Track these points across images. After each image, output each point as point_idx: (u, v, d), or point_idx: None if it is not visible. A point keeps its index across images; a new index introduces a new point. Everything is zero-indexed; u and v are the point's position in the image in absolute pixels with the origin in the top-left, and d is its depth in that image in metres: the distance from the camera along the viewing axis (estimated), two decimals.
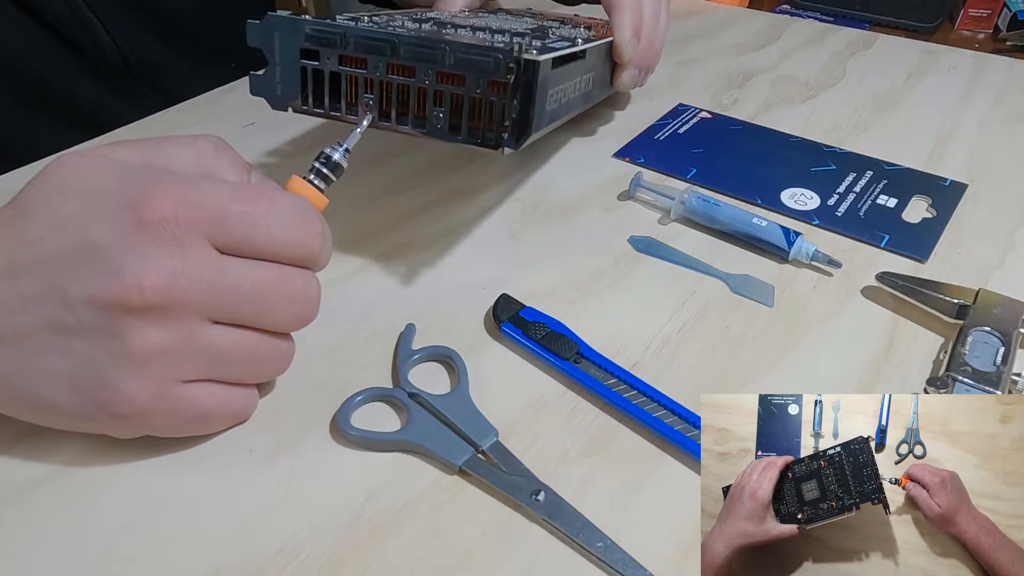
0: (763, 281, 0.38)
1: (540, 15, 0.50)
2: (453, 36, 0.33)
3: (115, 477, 0.28)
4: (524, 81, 0.30)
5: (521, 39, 0.34)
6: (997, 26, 1.58)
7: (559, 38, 0.38)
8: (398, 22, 0.36)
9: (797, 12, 1.62)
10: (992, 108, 0.55)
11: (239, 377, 0.28)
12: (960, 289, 0.35)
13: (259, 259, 0.26)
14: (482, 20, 0.43)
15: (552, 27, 0.44)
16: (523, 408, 0.31)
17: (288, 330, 0.29)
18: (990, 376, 0.31)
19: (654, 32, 0.46)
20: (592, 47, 0.39)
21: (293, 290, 0.27)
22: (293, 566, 0.25)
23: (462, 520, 0.27)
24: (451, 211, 0.43)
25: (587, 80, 0.40)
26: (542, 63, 0.30)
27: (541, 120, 0.32)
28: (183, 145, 0.28)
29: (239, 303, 0.26)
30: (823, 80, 0.59)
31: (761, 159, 0.48)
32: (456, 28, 0.37)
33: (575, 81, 0.37)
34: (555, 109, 0.35)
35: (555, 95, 0.34)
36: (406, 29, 0.33)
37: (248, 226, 0.26)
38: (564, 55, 0.34)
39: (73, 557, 0.25)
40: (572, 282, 0.38)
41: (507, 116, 0.30)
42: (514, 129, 0.31)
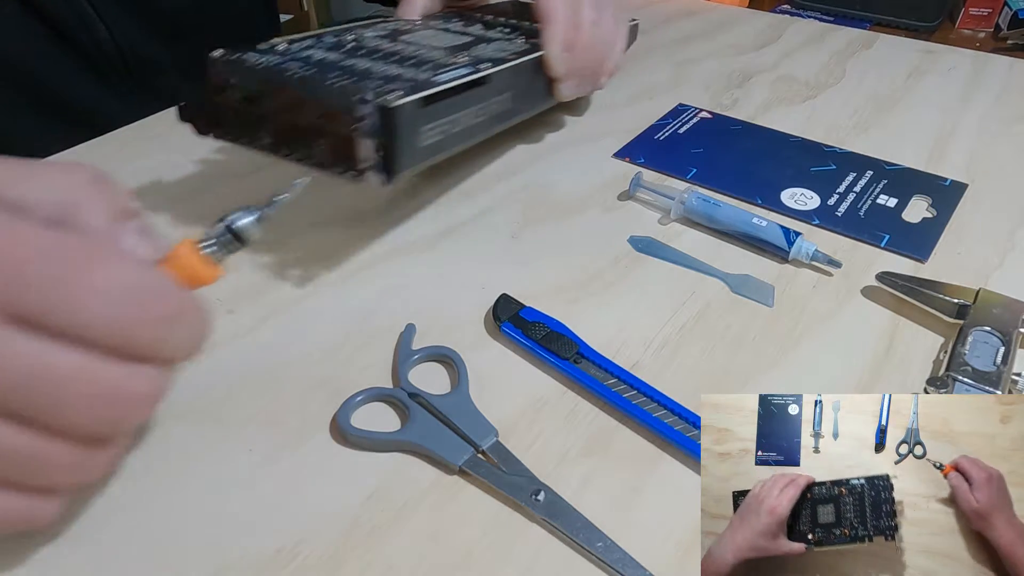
0: (763, 281, 0.38)
1: (493, 21, 0.50)
2: (338, 74, 0.35)
3: (115, 477, 0.28)
4: (384, 125, 0.32)
5: (412, 72, 0.36)
6: (998, 25, 1.58)
7: (470, 62, 0.39)
8: (316, 50, 0.39)
9: (797, 12, 1.62)
10: (992, 108, 0.55)
11: (17, 481, 0.22)
12: (960, 289, 0.35)
13: (64, 340, 0.20)
14: (412, 38, 0.44)
15: (485, 42, 0.45)
16: (523, 408, 0.31)
17: (92, 436, 0.22)
18: (990, 376, 0.31)
19: (593, 40, 0.45)
20: (507, 68, 0.40)
21: (99, 388, 0.21)
22: (293, 566, 0.25)
23: (462, 520, 0.27)
24: (451, 211, 0.43)
25: (499, 102, 0.41)
26: (397, 109, 0.32)
27: (413, 157, 0.35)
28: (56, 173, 0.23)
29: (16, 393, 0.20)
30: (823, 80, 0.59)
31: (761, 159, 0.48)
32: (372, 54, 0.39)
33: (473, 109, 0.38)
34: (440, 141, 0.36)
35: (436, 128, 0.36)
36: (309, 63, 0.36)
37: (52, 294, 0.20)
38: (445, 89, 0.35)
39: (73, 557, 0.25)
40: (572, 282, 0.38)
41: (360, 159, 0.32)
42: (383, 166, 0.33)
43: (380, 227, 0.42)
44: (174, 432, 0.30)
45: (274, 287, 0.37)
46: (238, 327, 0.35)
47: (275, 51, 0.38)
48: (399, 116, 0.32)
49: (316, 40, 0.40)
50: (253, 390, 0.32)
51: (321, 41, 0.40)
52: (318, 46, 0.39)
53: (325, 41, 0.40)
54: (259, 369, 0.33)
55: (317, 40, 0.41)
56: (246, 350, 0.34)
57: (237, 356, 0.33)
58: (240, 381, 0.32)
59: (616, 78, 0.58)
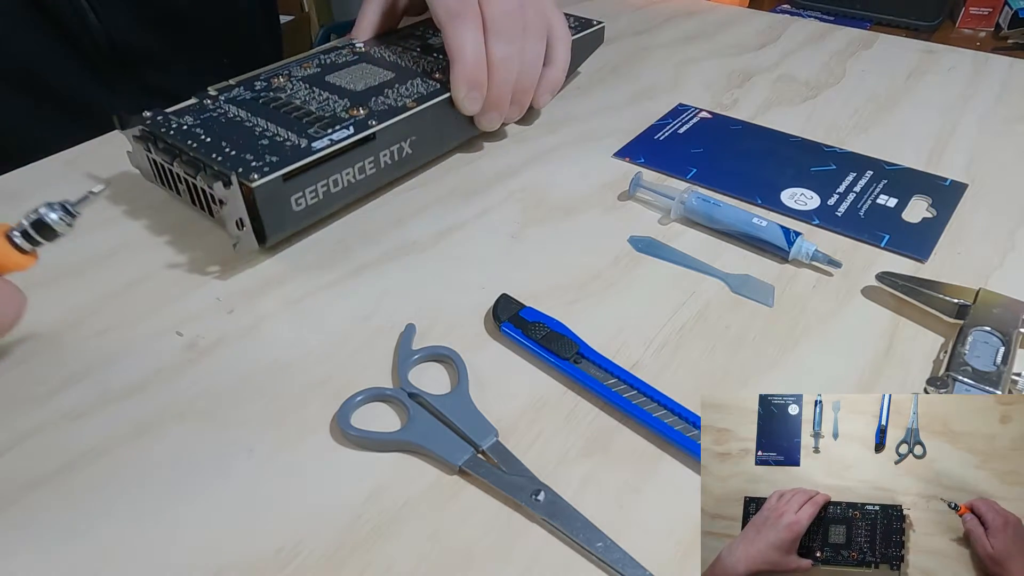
0: (763, 281, 0.38)
1: (434, 44, 0.50)
2: (229, 146, 0.38)
3: (115, 477, 0.28)
4: (247, 201, 0.35)
5: (296, 138, 0.38)
6: (998, 24, 1.58)
7: (365, 116, 0.40)
8: (233, 105, 0.42)
9: (797, 12, 1.62)
10: (992, 108, 0.55)
11: None
12: (960, 289, 0.35)
13: None
14: (336, 77, 0.46)
15: (410, 77, 0.45)
16: (523, 408, 0.31)
17: None
18: (990, 376, 0.31)
19: (506, 75, 0.44)
20: (402, 119, 0.41)
21: None
22: (293, 566, 0.25)
23: (462, 520, 0.27)
24: (451, 211, 0.43)
25: (395, 151, 0.42)
26: (258, 188, 0.35)
27: (285, 224, 0.38)
28: None
29: None
30: (823, 80, 0.59)
31: (761, 159, 0.48)
32: (279, 108, 0.42)
33: (359, 165, 0.40)
34: (319, 202, 0.39)
35: (310, 192, 0.38)
36: (216, 126, 0.40)
37: None
38: (315, 160, 0.37)
39: (73, 557, 0.25)
40: (572, 282, 0.38)
41: (230, 233, 0.35)
42: (256, 233, 0.36)
43: (380, 227, 0.42)
44: (174, 432, 0.30)
45: (274, 287, 0.37)
46: (238, 327, 0.35)
47: (203, 105, 0.42)
48: (260, 194, 0.35)
49: (243, 88, 0.44)
50: (253, 390, 0.32)
51: (248, 88, 0.44)
52: (240, 98, 0.43)
53: (252, 88, 0.44)
54: (259, 369, 0.33)
55: (245, 87, 0.44)
56: (246, 350, 0.34)
57: (237, 356, 0.33)
58: (240, 381, 0.32)
59: (616, 78, 0.59)
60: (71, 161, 0.47)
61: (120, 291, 0.37)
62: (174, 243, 0.40)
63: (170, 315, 0.35)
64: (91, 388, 0.32)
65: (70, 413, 0.30)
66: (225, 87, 0.44)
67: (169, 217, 0.42)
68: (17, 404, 0.31)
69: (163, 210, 0.42)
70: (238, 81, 0.45)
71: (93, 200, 0.30)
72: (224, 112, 0.41)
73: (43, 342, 0.34)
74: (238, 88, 0.44)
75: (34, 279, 0.37)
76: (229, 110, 0.42)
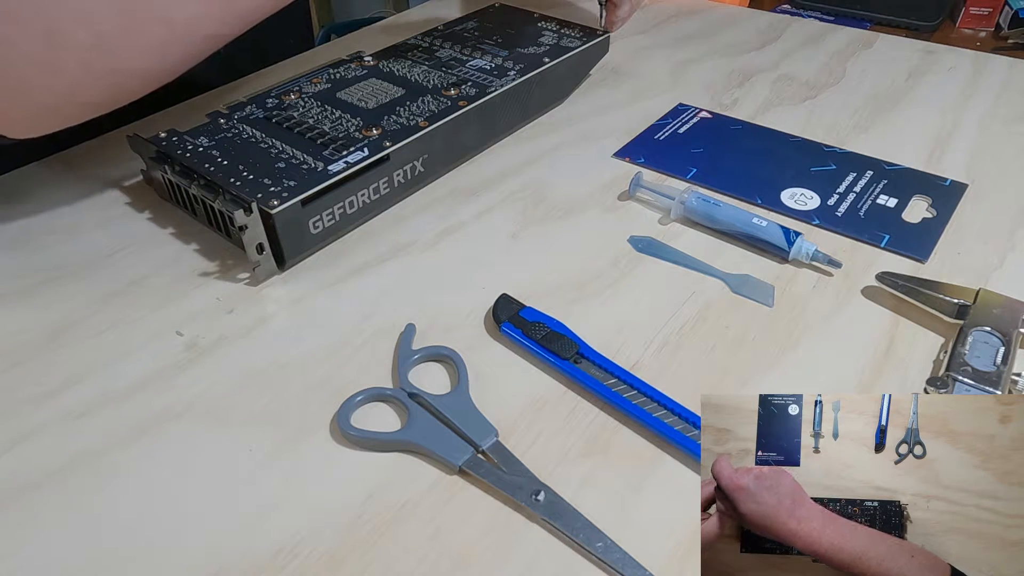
0: (763, 281, 0.38)
1: (436, 63, 0.51)
2: (246, 169, 0.38)
3: (115, 477, 0.28)
4: (267, 227, 0.36)
5: (312, 161, 0.38)
6: (999, 24, 1.58)
7: (379, 137, 0.41)
8: (246, 124, 0.42)
9: (797, 12, 1.61)
10: (992, 108, 0.55)
11: None
12: (960, 289, 0.35)
13: None
14: (348, 93, 0.46)
15: (421, 95, 0.46)
16: (523, 408, 0.31)
17: None
18: (990, 376, 0.31)
19: None
20: (413, 139, 0.41)
21: None
22: (293, 566, 0.25)
23: (462, 520, 0.27)
24: (451, 211, 0.43)
25: (408, 170, 0.42)
26: (277, 215, 0.35)
27: (302, 245, 0.38)
28: None
29: None
30: (823, 80, 0.59)
31: (761, 159, 0.48)
32: (294, 128, 0.42)
33: (373, 186, 0.41)
34: (336, 223, 0.39)
35: (327, 215, 0.38)
36: (232, 148, 0.40)
37: None
38: (331, 184, 0.38)
39: (73, 557, 0.25)
40: (572, 282, 0.38)
41: (250, 258, 0.36)
42: (275, 256, 0.37)
43: (380, 227, 0.42)
44: (174, 432, 0.30)
45: (274, 287, 0.37)
46: (238, 327, 0.35)
47: (216, 125, 0.42)
48: (279, 219, 0.36)
49: (255, 105, 0.45)
50: (253, 390, 0.32)
51: (260, 107, 0.44)
52: (253, 117, 0.43)
53: (264, 106, 0.45)
54: (259, 369, 0.33)
55: (256, 105, 0.45)
56: (246, 350, 0.34)
57: (237, 356, 0.33)
58: (240, 381, 0.32)
59: (616, 78, 0.58)
60: (71, 161, 0.47)
61: (120, 291, 0.37)
62: (174, 243, 0.40)
63: (170, 315, 0.35)
64: (91, 388, 0.32)
65: (70, 413, 0.30)
66: (237, 104, 0.45)
67: (169, 217, 0.42)
68: (17, 404, 0.31)
69: (163, 210, 0.42)
70: (249, 98, 0.45)
71: (93, 200, 0.30)
72: (239, 132, 0.42)
73: (43, 342, 0.34)
74: (250, 106, 0.44)
75: (34, 279, 0.37)
76: (244, 130, 0.42)
